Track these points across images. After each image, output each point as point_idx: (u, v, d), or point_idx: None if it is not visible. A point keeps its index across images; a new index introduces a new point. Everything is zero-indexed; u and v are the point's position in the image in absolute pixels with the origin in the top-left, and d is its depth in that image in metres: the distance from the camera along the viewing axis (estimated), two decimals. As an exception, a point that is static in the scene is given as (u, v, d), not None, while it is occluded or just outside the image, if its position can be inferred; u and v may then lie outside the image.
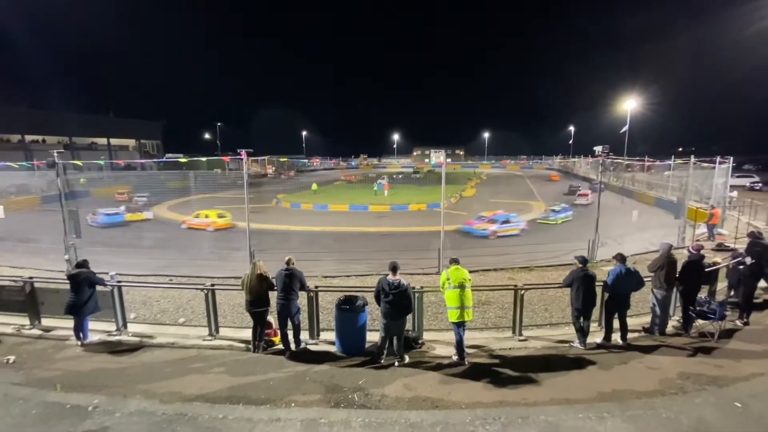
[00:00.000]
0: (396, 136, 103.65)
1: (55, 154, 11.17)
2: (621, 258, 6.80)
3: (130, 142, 67.88)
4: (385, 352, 6.14)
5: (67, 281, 6.83)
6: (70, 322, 6.90)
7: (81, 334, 6.81)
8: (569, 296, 6.72)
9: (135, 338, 7.00)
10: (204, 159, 16.25)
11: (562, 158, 78.24)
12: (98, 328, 7.15)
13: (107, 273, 7.33)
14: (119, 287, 7.21)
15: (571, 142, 78.87)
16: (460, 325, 6.07)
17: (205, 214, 22.08)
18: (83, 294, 6.69)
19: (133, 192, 31.91)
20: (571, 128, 79.88)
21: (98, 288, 6.93)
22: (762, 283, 8.26)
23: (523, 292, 6.94)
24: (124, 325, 7.26)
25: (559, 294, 9.32)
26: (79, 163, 19.28)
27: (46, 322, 7.55)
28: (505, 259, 13.81)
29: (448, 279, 6.06)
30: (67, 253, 11.35)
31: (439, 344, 6.69)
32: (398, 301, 5.91)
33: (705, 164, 19.81)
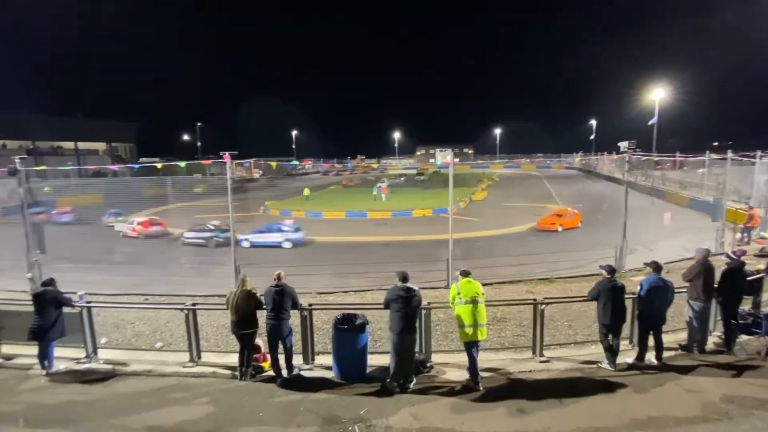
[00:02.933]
0: (397, 134, 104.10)
1: (17, 161, 11.24)
2: (656, 266, 6.78)
3: (100, 146, 68.32)
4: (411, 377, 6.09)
5: (30, 302, 6.82)
6: (33, 349, 6.88)
7: (46, 362, 6.79)
8: (596, 311, 6.71)
9: (107, 366, 6.98)
10: (182, 163, 16.30)
11: (582, 156, 78.47)
12: (65, 355, 7.13)
13: (75, 293, 7.33)
14: (88, 308, 7.20)
15: (592, 137, 79.25)
16: (473, 345, 6.05)
17: None
18: (49, 316, 6.69)
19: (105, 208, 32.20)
20: (593, 122, 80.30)
21: (65, 310, 6.92)
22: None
23: (543, 306, 6.91)
24: (95, 351, 7.24)
25: (584, 308, 9.30)
26: (42, 168, 19.31)
27: (6, 349, 7.53)
28: (522, 270, 13.80)
29: (458, 293, 6.06)
30: (30, 271, 11.36)
31: (450, 367, 6.67)
32: (413, 309, 6.02)
33: (744, 159, 19.84)
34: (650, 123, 44.27)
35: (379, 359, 6.80)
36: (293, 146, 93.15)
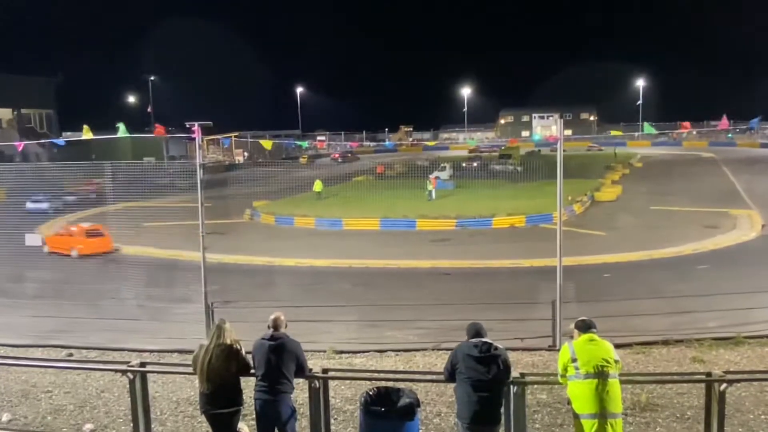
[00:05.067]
0: (466, 92, 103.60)
1: None
2: None
3: (4, 114, 72.75)
4: None
5: None
6: None
7: None
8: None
9: (10, 457, 7.36)
10: (123, 131, 16.83)
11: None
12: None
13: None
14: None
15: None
16: (598, 449, 5.88)
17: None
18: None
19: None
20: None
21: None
22: None
23: (723, 386, 6.64)
24: (-7, 434, 7.66)
25: (796, 392, 8.86)
26: None
27: None
28: (684, 323, 13.43)
29: (573, 360, 5.93)
30: None
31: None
32: (495, 382, 5.92)
33: None
34: None
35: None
36: (298, 113, 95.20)
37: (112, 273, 21.81)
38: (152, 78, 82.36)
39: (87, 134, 13.74)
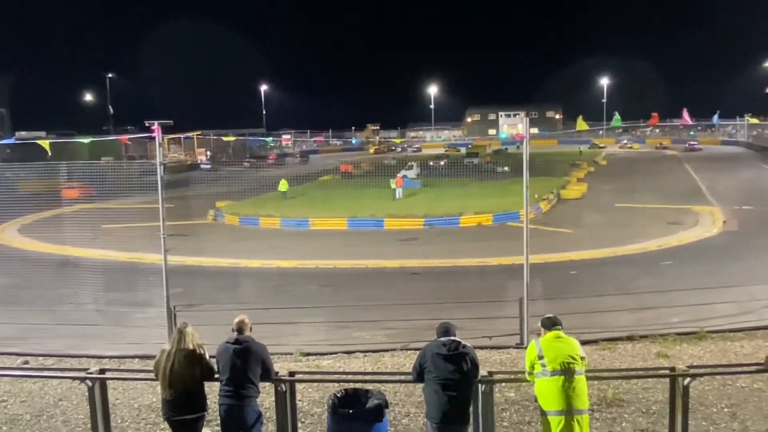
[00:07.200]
0: (433, 91, 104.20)
1: None
2: None
3: (-46, 113, 70.77)
4: None
5: None
6: None
7: None
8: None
9: (-37, 471, 7.16)
10: (86, 140, 16.66)
11: (757, 120, 76.82)
12: None
13: None
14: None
15: (770, 90, 77.56)
16: (565, 446, 5.97)
17: None
18: None
19: None
20: (770, 65, 78.70)
21: None
22: None
23: (687, 380, 6.78)
24: (-56, 447, 7.44)
25: (758, 385, 9.10)
26: None
27: None
28: (649, 318, 13.63)
29: (540, 357, 6.00)
30: None
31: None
32: (464, 381, 5.96)
33: None
34: None
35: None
36: (263, 112, 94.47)
37: (70, 277, 21.31)
38: (110, 75, 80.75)
39: (45, 145, 13.60)
